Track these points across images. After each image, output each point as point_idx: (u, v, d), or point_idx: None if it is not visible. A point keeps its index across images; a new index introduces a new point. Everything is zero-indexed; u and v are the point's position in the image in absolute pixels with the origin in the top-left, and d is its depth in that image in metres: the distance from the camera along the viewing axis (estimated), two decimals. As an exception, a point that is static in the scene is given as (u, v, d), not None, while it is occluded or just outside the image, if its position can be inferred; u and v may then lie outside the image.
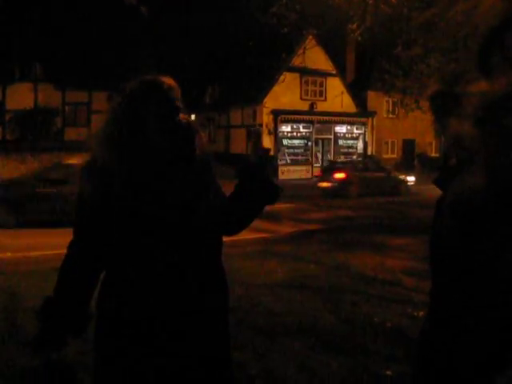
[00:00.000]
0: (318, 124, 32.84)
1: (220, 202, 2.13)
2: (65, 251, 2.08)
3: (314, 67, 28.88)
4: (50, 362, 1.95)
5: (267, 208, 2.21)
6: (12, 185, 13.73)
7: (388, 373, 4.09)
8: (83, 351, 3.50)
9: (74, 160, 12.14)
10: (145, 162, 1.96)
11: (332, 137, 33.64)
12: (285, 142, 32.02)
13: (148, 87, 2.03)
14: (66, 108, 32.63)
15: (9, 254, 9.44)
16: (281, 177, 30.83)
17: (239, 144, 34.10)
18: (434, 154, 38.31)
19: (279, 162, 31.36)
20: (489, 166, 1.51)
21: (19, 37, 29.03)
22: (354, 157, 34.22)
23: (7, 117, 30.97)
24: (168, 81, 2.07)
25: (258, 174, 2.12)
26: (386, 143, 37.12)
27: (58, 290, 2.02)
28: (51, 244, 9.63)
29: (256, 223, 2.33)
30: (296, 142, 32.49)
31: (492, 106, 1.53)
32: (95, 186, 1.96)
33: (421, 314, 5.49)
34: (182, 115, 2.06)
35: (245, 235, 5.75)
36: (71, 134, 31.87)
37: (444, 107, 1.76)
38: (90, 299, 2.06)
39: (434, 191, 1.98)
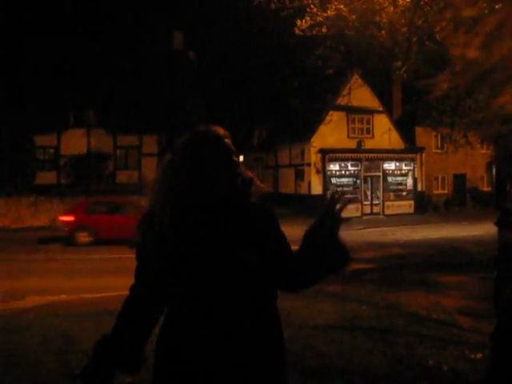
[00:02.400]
0: (366, 161, 32.66)
1: (282, 256, 2.08)
2: (116, 293, 2.14)
3: (360, 105, 28.92)
4: None
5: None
6: None
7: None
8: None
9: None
10: (201, 214, 2.00)
11: (381, 174, 33.35)
12: (333, 180, 31.91)
13: (202, 139, 2.05)
14: (118, 152, 33.51)
15: (63, 296, 9.64)
16: (330, 215, 30.57)
17: (288, 183, 34.18)
18: (486, 189, 37.46)
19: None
20: None
21: (73, 86, 30.19)
22: (404, 193, 33.81)
23: (62, 162, 32.03)
24: (220, 130, 2.09)
25: (330, 237, 2.02)
26: (436, 179, 36.52)
27: (116, 329, 2.08)
28: (105, 286, 9.83)
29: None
30: (345, 180, 32.33)
31: None
32: (152, 237, 2.02)
33: (478, 356, 5.31)
34: (239, 166, 2.07)
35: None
36: (122, 177, 32.66)
37: None
38: (145, 342, 2.11)
39: (489, 228, 1.95)
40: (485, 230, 21.84)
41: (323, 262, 2.02)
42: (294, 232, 2.66)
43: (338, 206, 2.02)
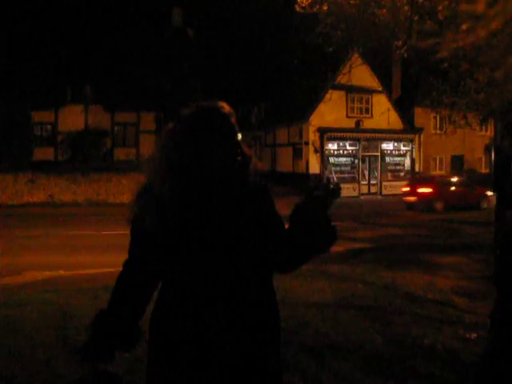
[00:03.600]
0: (365, 141, 32.61)
1: (277, 234, 2.08)
2: (114, 270, 2.12)
3: (359, 84, 28.76)
4: (97, 371, 2.00)
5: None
6: None
7: (440, 397, 3.99)
8: (134, 370, 3.55)
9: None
10: (202, 189, 1.99)
11: (379, 154, 33.32)
12: (331, 159, 31.89)
13: (209, 114, 2.03)
14: (115, 129, 33.35)
15: (61, 272, 9.67)
16: (327, 195, 30.59)
17: (285, 162, 34.15)
18: (483, 171, 37.48)
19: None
20: None
21: (71, 61, 29.96)
22: (402, 174, 33.81)
23: (59, 138, 31.88)
24: (226, 107, 2.07)
25: (322, 217, 2.00)
26: (434, 160, 36.51)
27: (111, 304, 2.07)
28: (102, 262, 9.86)
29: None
30: (342, 159, 32.30)
31: None
32: (151, 211, 1.99)
33: (473, 335, 5.35)
34: (243, 146, 2.08)
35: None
36: (120, 154, 32.54)
37: None
38: (141, 316, 2.10)
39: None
40: (481, 211, 21.94)
41: (314, 242, 2.00)
42: (290, 211, 2.65)
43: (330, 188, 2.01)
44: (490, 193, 25.31)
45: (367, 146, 32.85)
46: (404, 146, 34.14)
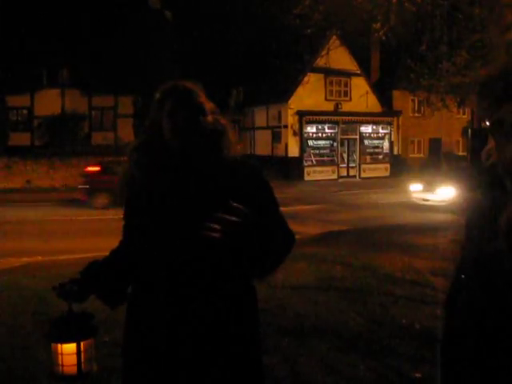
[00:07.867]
0: (343, 124, 32.66)
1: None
2: (92, 255, 2.12)
3: (338, 67, 28.73)
4: (71, 310, 2.02)
5: (294, 209, 2.02)
6: None
7: (417, 375, 4.05)
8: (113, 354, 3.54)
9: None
10: (159, 168, 2.00)
11: (357, 137, 33.42)
12: (310, 142, 31.91)
13: (164, 92, 2.06)
14: (93, 113, 32.96)
15: (39, 258, 9.60)
16: (306, 178, 30.73)
17: (264, 145, 34.08)
18: (461, 153, 37.84)
19: (305, 164, 31.25)
20: None
21: (46, 43, 29.45)
22: (380, 157, 33.99)
23: (36, 122, 31.41)
24: (187, 84, 2.05)
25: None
26: (412, 142, 36.76)
27: (104, 259, 2.13)
28: (80, 248, 9.79)
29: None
30: (321, 142, 32.34)
31: None
32: (129, 191, 2.09)
33: (450, 315, 5.42)
34: (209, 117, 2.03)
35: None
36: (98, 138, 32.20)
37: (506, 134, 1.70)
38: (127, 282, 2.08)
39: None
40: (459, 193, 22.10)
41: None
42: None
43: None
44: None
45: (346, 129, 32.92)
46: (382, 128, 34.28)
